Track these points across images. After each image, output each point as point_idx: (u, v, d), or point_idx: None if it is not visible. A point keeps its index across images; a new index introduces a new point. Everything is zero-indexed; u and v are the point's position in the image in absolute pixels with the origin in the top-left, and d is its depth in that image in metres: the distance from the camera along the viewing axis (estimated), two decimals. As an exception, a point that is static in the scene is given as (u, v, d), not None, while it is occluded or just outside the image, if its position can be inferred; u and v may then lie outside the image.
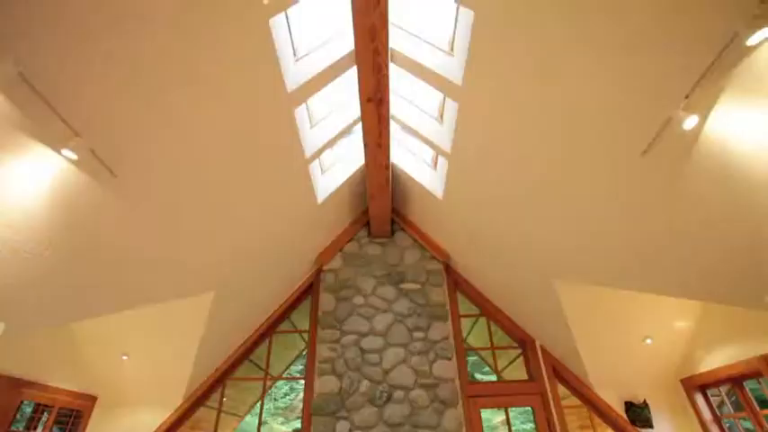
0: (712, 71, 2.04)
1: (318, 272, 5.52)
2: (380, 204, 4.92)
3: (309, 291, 5.53)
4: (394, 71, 3.54)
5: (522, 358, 5.30)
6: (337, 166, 5.05)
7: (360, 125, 3.89)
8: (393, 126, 4.13)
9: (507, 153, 3.52)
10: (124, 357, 4.44)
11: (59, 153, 2.34)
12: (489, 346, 5.33)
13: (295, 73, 3.30)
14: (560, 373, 4.88)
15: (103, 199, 2.76)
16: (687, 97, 2.17)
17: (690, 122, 2.17)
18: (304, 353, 5.31)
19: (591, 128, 2.77)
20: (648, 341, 4.39)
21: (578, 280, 4.03)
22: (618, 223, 3.17)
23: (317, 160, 4.47)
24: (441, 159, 4.47)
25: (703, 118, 2.18)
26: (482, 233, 4.69)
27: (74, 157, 2.38)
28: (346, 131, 4.43)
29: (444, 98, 3.87)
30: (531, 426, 4.76)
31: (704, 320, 4.28)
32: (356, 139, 4.69)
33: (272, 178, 3.95)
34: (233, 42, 2.68)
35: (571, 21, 2.37)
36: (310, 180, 4.33)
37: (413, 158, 5.09)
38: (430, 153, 4.85)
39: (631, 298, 4.00)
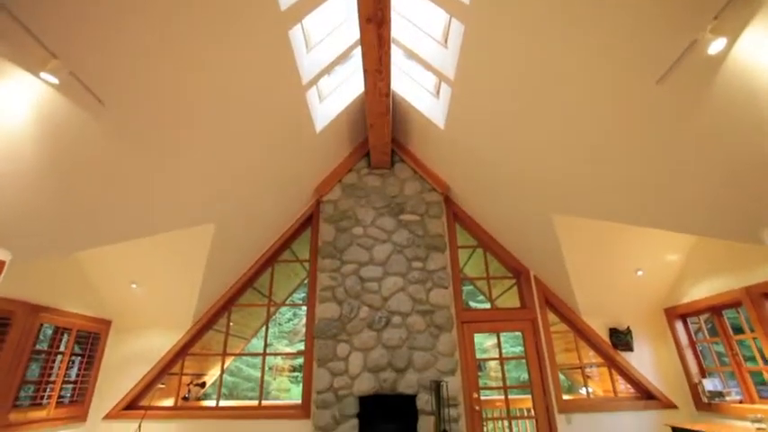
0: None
1: (318, 203, 5.53)
2: (380, 134, 4.78)
3: (309, 221, 5.58)
4: (396, -14, 3.23)
5: (515, 288, 5.51)
6: (336, 93, 4.82)
7: (359, 49, 3.64)
8: (394, 51, 3.87)
9: (514, 81, 3.34)
10: (133, 285, 4.58)
11: (38, 77, 2.19)
12: (485, 275, 5.51)
13: (289, -13, 3.01)
14: (551, 302, 5.10)
15: (94, 128, 2.65)
16: (716, 18, 1.99)
17: (717, 46, 2.01)
18: (305, 281, 5.47)
19: (603, 55, 2.59)
20: (640, 273, 4.52)
21: (578, 214, 4.04)
22: (623, 156, 3.10)
23: (314, 88, 4.26)
24: (444, 87, 4.26)
25: (732, 41, 2.02)
26: (483, 165, 4.61)
27: (54, 81, 2.23)
28: (345, 56, 4.17)
29: (450, 19, 3.59)
30: (520, 349, 5.07)
31: (694, 254, 4.38)
32: (355, 66, 4.43)
33: (269, 106, 3.78)
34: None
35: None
36: (308, 108, 4.16)
37: (414, 86, 4.85)
38: (432, 80, 4.60)
39: (626, 232, 4.06)
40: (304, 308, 5.39)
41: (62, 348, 4.28)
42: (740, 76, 2.09)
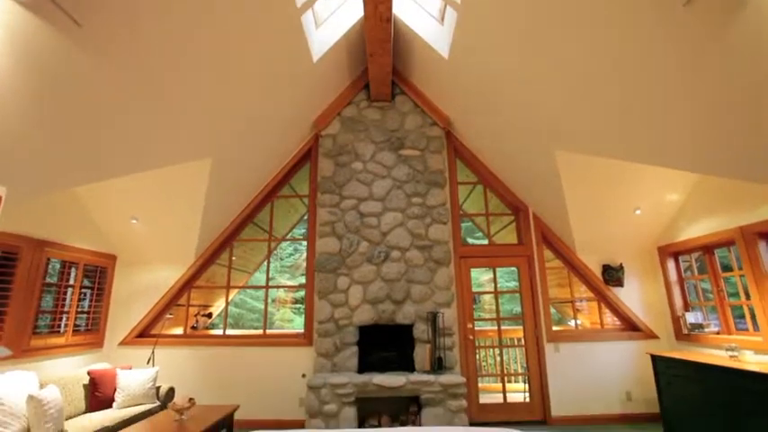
0: None
1: (316, 137, 5.40)
2: (380, 63, 4.53)
3: (308, 156, 5.49)
4: None
5: (513, 224, 5.57)
6: (333, 18, 4.50)
7: (358, -35, 3.33)
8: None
9: (523, 4, 3.09)
10: (133, 221, 4.60)
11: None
12: (484, 212, 5.54)
13: None
14: (548, 239, 5.18)
15: (76, 56, 2.48)
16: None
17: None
18: (305, 216, 5.51)
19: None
20: (638, 211, 4.55)
21: (582, 151, 3.96)
22: (633, 89, 2.96)
23: (310, 11, 3.96)
24: (449, 11, 3.96)
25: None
26: (488, 98, 4.44)
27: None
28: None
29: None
30: (514, 284, 5.24)
31: (693, 194, 4.37)
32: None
33: (262, 32, 3.53)
34: None
35: None
36: (304, 34, 3.89)
37: (417, 11, 4.51)
38: (437, 4, 4.27)
39: (628, 171, 4.02)
40: (304, 243, 5.47)
41: (71, 281, 4.42)
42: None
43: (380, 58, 4.44)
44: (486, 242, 5.80)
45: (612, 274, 4.98)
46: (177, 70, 3.20)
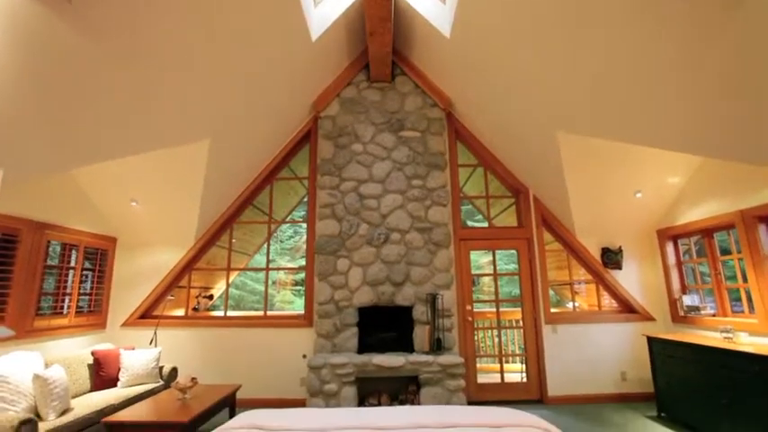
0: None
1: (315, 118, 5.33)
2: (381, 42, 4.44)
3: (307, 138, 5.43)
4: None
5: (513, 207, 5.56)
6: (332, -5, 4.38)
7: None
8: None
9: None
10: (133, 203, 4.59)
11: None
12: (484, 194, 5.52)
13: None
14: (547, 221, 5.18)
15: (64, 32, 2.42)
16: None
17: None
18: (305, 199, 5.49)
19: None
20: (639, 195, 4.53)
21: (584, 132, 3.91)
22: (635, 69, 2.90)
23: (308, -13, 3.85)
24: (452, -12, 3.86)
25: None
26: (489, 78, 4.37)
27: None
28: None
29: None
30: (514, 266, 5.27)
31: (694, 177, 4.35)
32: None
33: (260, 10, 3.44)
34: None
35: None
36: (302, 11, 3.80)
37: (419, -13, 4.39)
38: (439, -20, 4.16)
39: (630, 153, 4.00)
40: (304, 225, 5.47)
41: (72, 264, 4.43)
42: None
43: (381, 37, 4.34)
44: (485, 225, 5.81)
45: (611, 257, 5.00)
46: (172, 50, 3.13)
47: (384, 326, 4.71)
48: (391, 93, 5.27)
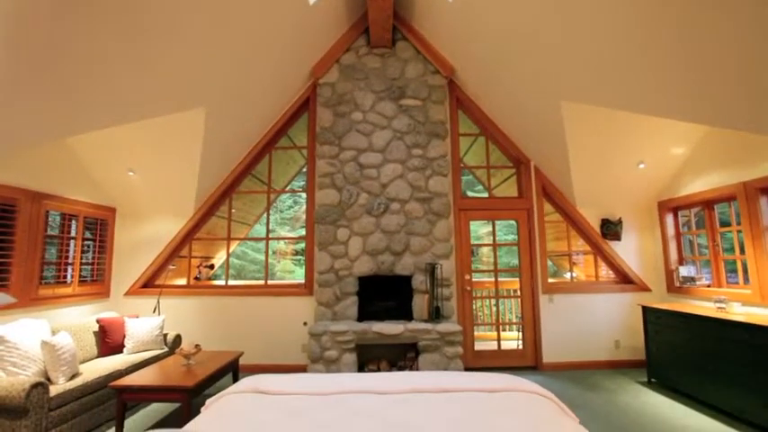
0: None
1: (314, 85, 5.21)
2: (381, 5, 4.27)
3: (306, 106, 5.32)
4: None
5: (514, 178, 5.52)
6: (330, -47, 4.18)
7: None
8: None
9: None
10: (130, 173, 4.54)
11: None
12: (485, 164, 5.47)
13: None
14: (548, 192, 5.16)
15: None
16: None
17: None
18: (304, 168, 5.44)
19: None
20: (642, 166, 4.49)
21: (589, 101, 3.82)
22: (638, 37, 2.80)
23: (304, -56, 3.66)
24: (456, -53, 3.67)
25: None
26: (493, 44, 4.23)
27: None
28: None
29: None
30: (513, 237, 5.29)
31: (698, 148, 4.29)
32: None
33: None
34: None
35: None
36: (298, -28, 3.63)
37: (421, -54, 4.19)
38: (443, -62, 3.96)
39: (634, 123, 3.92)
40: (304, 195, 5.45)
41: (73, 234, 4.44)
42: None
43: (381, 0, 4.17)
44: (486, 195, 5.79)
45: (611, 228, 5.01)
46: (163, 12, 3.01)
47: (384, 295, 4.78)
48: (392, 59, 5.12)
